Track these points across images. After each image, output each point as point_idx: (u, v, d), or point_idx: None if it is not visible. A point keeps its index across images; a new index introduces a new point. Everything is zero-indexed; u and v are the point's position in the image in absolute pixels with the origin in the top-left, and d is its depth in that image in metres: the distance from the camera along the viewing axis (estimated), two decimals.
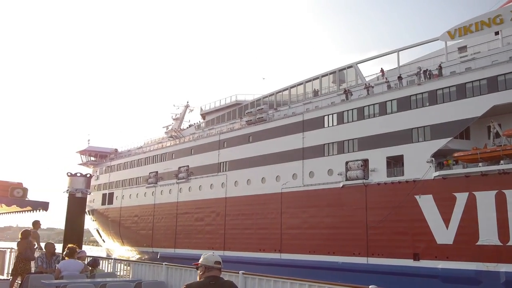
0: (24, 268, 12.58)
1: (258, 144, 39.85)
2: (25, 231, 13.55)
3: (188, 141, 49.03)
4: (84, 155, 65.35)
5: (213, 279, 4.67)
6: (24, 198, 12.17)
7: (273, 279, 8.78)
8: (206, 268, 4.77)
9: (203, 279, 4.70)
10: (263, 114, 40.56)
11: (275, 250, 36.35)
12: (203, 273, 4.75)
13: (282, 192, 36.81)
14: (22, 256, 12.75)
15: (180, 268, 11.88)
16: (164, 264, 12.44)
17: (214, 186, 43.43)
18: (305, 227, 34.52)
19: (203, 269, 4.77)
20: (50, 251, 12.39)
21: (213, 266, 4.77)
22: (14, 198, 11.88)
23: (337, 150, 33.70)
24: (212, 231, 42.56)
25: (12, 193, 11.91)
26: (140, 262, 14.73)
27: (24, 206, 12.31)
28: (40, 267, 11.93)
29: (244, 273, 9.51)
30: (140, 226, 52.54)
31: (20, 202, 12.02)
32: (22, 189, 12.22)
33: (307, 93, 40.06)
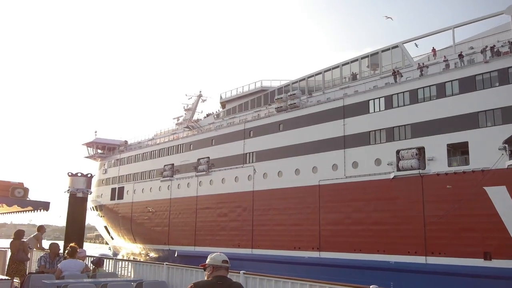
0: (17, 269, 12.77)
1: (290, 133, 36.51)
2: (18, 231, 13.73)
3: (208, 131, 45.57)
4: (91, 148, 61.80)
5: (221, 279, 4.67)
6: (25, 198, 12.12)
7: (274, 279, 8.87)
8: (214, 268, 4.76)
9: (211, 279, 4.69)
10: (295, 100, 37.17)
11: (313, 248, 33.11)
12: (211, 272, 4.74)
13: (320, 185, 33.52)
14: (13, 257, 12.91)
15: (181, 268, 12.01)
16: (165, 264, 12.55)
17: (239, 178, 40.06)
18: (348, 222, 31.27)
19: (211, 269, 4.77)
20: (54, 251, 12.42)
21: (221, 265, 4.76)
22: (15, 198, 11.84)
23: (385, 137, 30.43)
24: (237, 227, 39.23)
25: (13, 193, 11.82)
26: (141, 262, 15.01)
27: (25, 206, 12.28)
28: (42, 267, 12.01)
29: (245, 272, 9.54)
30: (154, 222, 49.10)
31: (21, 202, 12.00)
32: (23, 189, 12.13)
33: (344, 77, 36.71)
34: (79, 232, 17.76)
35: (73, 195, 17.77)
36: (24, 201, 12.15)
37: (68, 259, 11.66)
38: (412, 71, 31.40)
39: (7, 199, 11.83)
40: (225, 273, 4.81)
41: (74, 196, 17.75)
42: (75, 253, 11.76)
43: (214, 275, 4.73)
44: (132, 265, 14.79)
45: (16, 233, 13.68)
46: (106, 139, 61.42)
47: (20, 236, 13.53)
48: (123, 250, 58.27)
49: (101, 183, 60.68)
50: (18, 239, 13.33)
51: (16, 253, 12.99)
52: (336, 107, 33.70)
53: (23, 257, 13.11)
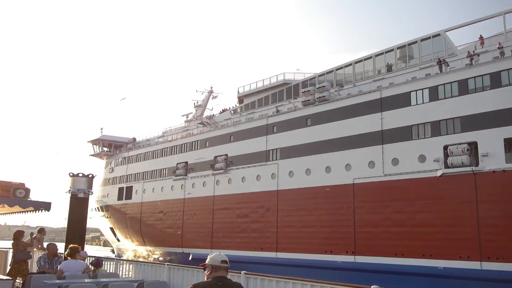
0: (19, 270, 12.84)
1: (320, 128, 34.00)
2: (16, 232, 13.83)
3: (225, 127, 42.96)
4: (97, 145, 59.01)
5: (221, 280, 4.63)
6: (27, 199, 12.17)
7: (275, 279, 9.05)
8: (213, 268, 4.72)
9: (210, 280, 4.66)
10: (324, 92, 34.67)
11: (347, 252, 30.58)
12: (210, 273, 4.72)
13: (355, 183, 31.03)
14: (15, 258, 13.11)
15: (182, 268, 12.10)
16: (166, 264, 12.69)
17: (261, 177, 37.49)
18: (388, 224, 28.78)
19: (210, 269, 4.74)
20: (52, 252, 12.51)
21: (220, 265, 4.74)
22: (17, 198, 11.90)
23: (430, 132, 27.99)
24: (260, 229, 36.64)
25: (15, 194, 11.87)
26: (142, 262, 14.90)
27: (26, 206, 12.41)
28: (42, 267, 12.09)
29: (246, 273, 9.64)
30: (166, 223, 46.40)
31: (22, 202, 12.07)
32: (24, 189, 12.17)
33: (378, 68, 34.28)
34: (80, 232, 17.75)
35: (74, 196, 17.74)
36: (25, 201, 12.24)
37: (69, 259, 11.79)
38: (456, 61, 29.06)
39: (9, 199, 11.91)
40: (224, 274, 4.76)
41: (75, 197, 17.71)
42: (76, 254, 11.87)
43: (213, 275, 4.70)
44: (133, 265, 14.94)
45: (16, 233, 13.69)
46: (113, 136, 58.68)
47: (16, 237, 13.51)
48: (128, 253, 55.48)
49: (107, 183, 57.90)
50: (15, 240, 13.39)
51: (15, 254, 13.19)
52: (372, 100, 31.25)
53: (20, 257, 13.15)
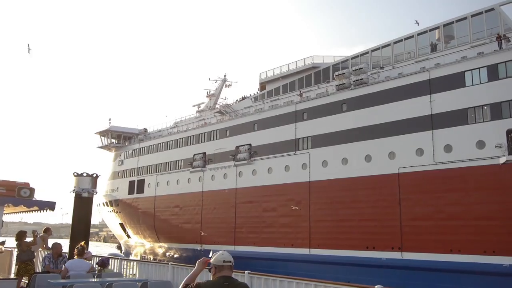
0: (25, 269, 12.90)
1: (358, 113, 31.24)
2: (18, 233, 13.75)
3: (248, 115, 40.15)
4: (105, 137, 56.06)
5: (227, 280, 4.64)
6: (31, 198, 12.30)
7: (279, 279, 9.17)
8: (217, 268, 4.73)
9: (216, 279, 4.68)
10: (362, 75, 31.89)
11: (393, 248, 27.91)
12: (215, 273, 4.72)
13: (400, 173, 28.32)
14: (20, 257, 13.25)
15: (186, 268, 12.17)
16: (170, 264, 12.91)
17: (290, 168, 34.72)
18: (441, 217, 26.09)
19: (214, 269, 4.74)
20: (57, 251, 12.56)
21: (223, 265, 4.72)
22: (21, 198, 12.01)
23: (490, 115, 25.26)
24: (289, 223, 33.92)
25: (19, 193, 11.98)
26: (146, 262, 15.36)
27: (31, 206, 12.59)
28: (47, 267, 12.17)
29: (250, 272, 9.75)
30: (183, 218, 43.62)
31: (27, 202, 12.25)
32: (29, 189, 12.26)
33: (421, 48, 31.48)
34: (85, 232, 17.72)
35: (78, 195, 17.75)
36: (30, 201, 12.27)
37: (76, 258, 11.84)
38: None
39: (13, 199, 11.99)
40: (229, 273, 4.74)
41: (80, 196, 17.75)
42: (84, 253, 11.92)
43: (218, 275, 4.69)
44: (137, 265, 14.87)
45: (18, 234, 13.59)
46: (122, 127, 55.75)
47: (19, 237, 13.42)
48: (138, 249, 52.66)
49: (116, 176, 55.03)
50: (18, 240, 13.38)
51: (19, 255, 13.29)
52: (419, 82, 28.48)
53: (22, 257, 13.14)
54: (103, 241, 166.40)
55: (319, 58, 37.98)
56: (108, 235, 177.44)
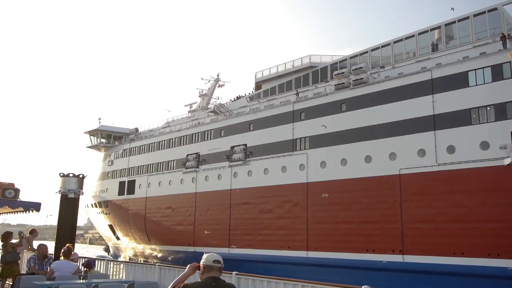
0: (10, 271, 12.75)
1: (357, 113, 30.67)
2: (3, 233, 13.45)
3: (244, 114, 39.37)
4: (94, 136, 54.78)
5: (215, 281, 4.63)
6: (16, 199, 12.24)
7: (266, 280, 9.23)
8: (206, 268, 4.72)
9: (204, 280, 4.66)
10: (362, 75, 31.35)
11: (393, 251, 27.34)
12: (203, 273, 4.72)
13: (401, 174, 27.79)
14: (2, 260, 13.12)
15: (173, 269, 12.32)
16: (157, 265, 12.95)
17: (287, 168, 34.02)
18: (444, 219, 25.60)
19: (203, 269, 4.73)
20: (42, 253, 12.41)
21: (212, 265, 4.72)
22: (6, 199, 11.97)
23: (494, 115, 24.84)
24: (286, 225, 33.20)
25: (4, 194, 11.90)
26: (133, 263, 15.31)
27: (15, 207, 12.55)
28: (32, 268, 12.09)
29: (237, 273, 9.80)
30: (175, 220, 42.63)
31: (12, 203, 12.17)
32: (14, 189, 12.18)
33: (422, 48, 31.05)
34: (71, 233, 17.72)
35: (64, 196, 17.67)
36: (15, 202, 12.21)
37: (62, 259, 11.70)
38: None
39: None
40: (217, 274, 4.74)
41: (66, 197, 17.67)
42: (70, 254, 11.76)
43: (206, 276, 4.69)
44: (124, 266, 14.90)
45: (3, 235, 13.33)
46: (112, 127, 54.53)
47: (3, 238, 13.23)
48: (127, 252, 51.48)
49: (106, 176, 53.77)
50: (5, 241, 13.18)
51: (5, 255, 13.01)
52: (420, 82, 28.01)
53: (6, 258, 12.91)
54: (88, 243, 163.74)
55: (316, 57, 37.38)
56: (93, 237, 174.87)
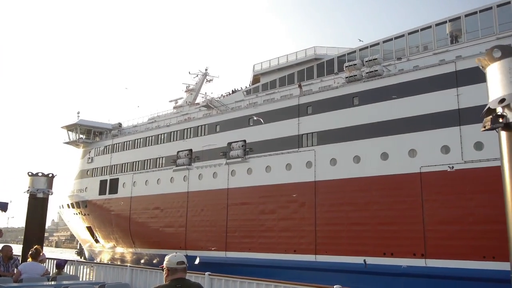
0: None
1: (371, 107, 28.72)
2: None
3: (242, 109, 36.85)
4: (73, 131, 51.01)
5: (179, 282, 4.57)
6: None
7: (239, 280, 9.33)
8: (170, 270, 4.63)
9: (168, 282, 4.59)
10: (376, 66, 29.42)
11: (415, 254, 25.43)
12: (167, 275, 4.64)
13: (423, 172, 25.95)
14: None
15: (145, 270, 12.49)
16: (129, 266, 13.02)
17: (293, 166, 31.74)
18: (471, 220, 23.87)
19: (167, 271, 4.64)
20: (6, 254, 12.04)
21: (176, 267, 4.65)
22: None
23: None
24: (291, 227, 30.89)
25: None
26: (104, 264, 15.56)
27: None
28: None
29: (210, 274, 9.98)
30: (164, 221, 39.65)
31: None
32: None
33: (439, 40, 29.38)
34: (40, 234, 17.41)
35: (33, 196, 17.43)
36: None
37: (28, 261, 11.53)
38: None
39: None
40: (182, 275, 4.67)
41: (34, 197, 17.43)
42: (38, 256, 11.55)
43: (170, 278, 4.60)
44: (95, 268, 14.69)
45: None
46: (93, 122, 50.91)
47: None
48: (105, 255, 47.99)
49: (84, 175, 50.11)
50: None
51: None
52: (443, 74, 26.28)
53: None
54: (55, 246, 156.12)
55: (322, 49, 35.27)
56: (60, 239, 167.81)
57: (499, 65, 9.75)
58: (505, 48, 10.02)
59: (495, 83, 9.95)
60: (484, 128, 9.96)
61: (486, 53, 10.23)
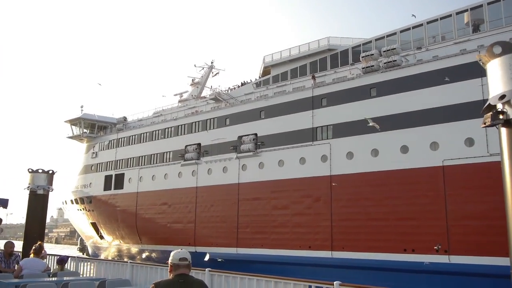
0: None
1: (390, 99, 27.75)
2: None
3: (253, 101, 35.86)
4: (76, 126, 49.96)
5: (182, 277, 4.70)
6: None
7: (239, 276, 9.38)
8: (173, 267, 4.75)
9: (171, 278, 4.72)
10: (395, 56, 28.44)
11: (438, 251, 24.53)
12: (171, 271, 4.78)
13: (445, 166, 25.04)
14: None
15: (145, 266, 12.47)
16: (129, 262, 12.94)
17: (307, 160, 30.80)
18: (498, 215, 22.57)
19: (171, 267, 4.78)
20: (7, 250, 12.06)
21: (179, 263, 4.76)
22: None
23: None
24: (306, 223, 29.98)
25: None
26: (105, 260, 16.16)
27: None
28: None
29: (210, 270, 10.05)
30: (172, 217, 38.71)
31: None
32: None
33: (460, 29, 28.40)
34: (40, 230, 17.42)
35: (33, 192, 17.47)
36: None
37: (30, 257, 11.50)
38: None
39: None
40: (185, 271, 4.80)
41: (35, 194, 17.47)
42: (41, 252, 11.67)
43: (174, 274, 4.72)
44: (95, 264, 14.86)
45: None
46: (97, 116, 49.85)
47: None
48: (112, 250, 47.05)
49: (89, 170, 49.08)
50: None
51: None
52: (467, 63, 25.31)
53: None
54: (55, 242, 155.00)
55: (335, 39, 34.25)
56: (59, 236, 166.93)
57: (499, 61, 9.56)
58: (505, 44, 9.95)
59: (496, 80, 9.78)
60: (484, 124, 9.85)
61: (487, 49, 10.01)
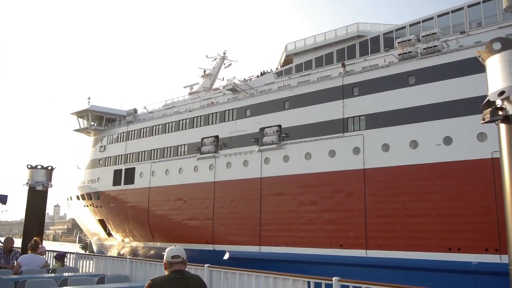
0: None
1: (430, 87, 25.88)
2: None
3: (276, 91, 33.91)
4: (83, 118, 47.84)
5: (178, 273, 4.72)
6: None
7: (238, 272, 9.49)
8: (167, 264, 4.80)
9: (168, 274, 4.77)
10: (435, 42, 26.55)
11: (487, 250, 22.76)
12: (166, 269, 4.84)
13: (495, 158, 23.17)
14: None
15: (144, 262, 12.50)
16: (128, 258, 13.12)
17: (337, 153, 28.89)
18: None
19: (165, 265, 4.82)
20: (6, 246, 12.10)
21: (172, 261, 4.77)
22: None
23: None
24: (337, 220, 28.10)
25: None
26: (104, 256, 15.12)
27: None
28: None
29: (209, 266, 10.15)
30: (188, 214, 36.74)
31: None
32: None
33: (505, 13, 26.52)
34: (39, 227, 17.46)
35: (32, 189, 17.51)
36: None
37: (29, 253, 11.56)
38: None
39: None
40: (181, 267, 4.80)
41: (34, 189, 17.50)
42: (37, 247, 11.65)
43: (169, 270, 4.77)
44: (94, 260, 14.75)
45: None
46: (105, 108, 47.73)
47: None
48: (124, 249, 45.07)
49: (96, 164, 47.00)
50: None
51: None
52: None
53: None
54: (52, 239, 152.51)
55: (365, 25, 32.32)
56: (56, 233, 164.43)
57: (498, 57, 9.59)
58: (505, 40, 9.96)
59: (495, 76, 9.76)
60: (484, 120, 9.82)
61: (486, 45, 10.05)
